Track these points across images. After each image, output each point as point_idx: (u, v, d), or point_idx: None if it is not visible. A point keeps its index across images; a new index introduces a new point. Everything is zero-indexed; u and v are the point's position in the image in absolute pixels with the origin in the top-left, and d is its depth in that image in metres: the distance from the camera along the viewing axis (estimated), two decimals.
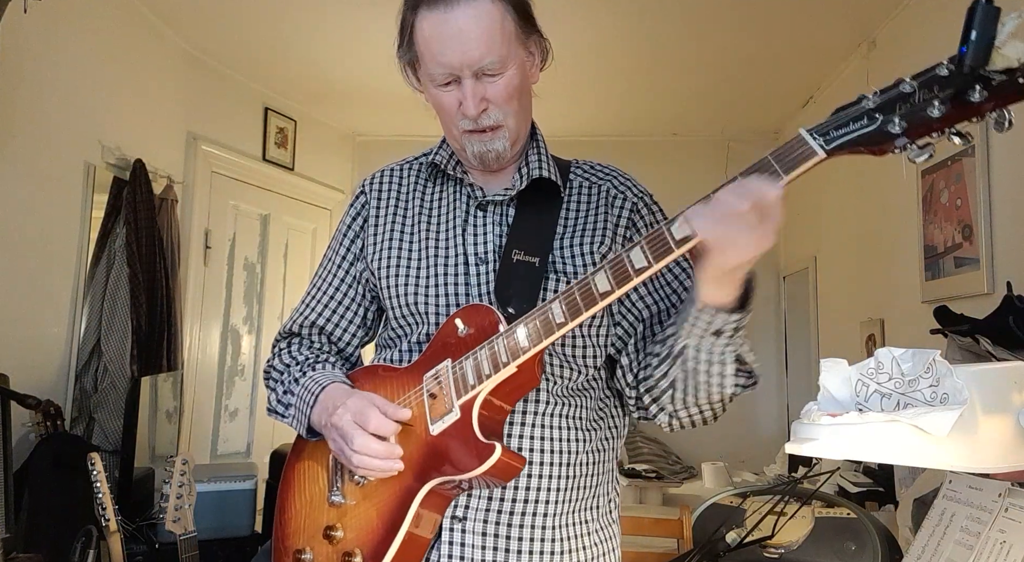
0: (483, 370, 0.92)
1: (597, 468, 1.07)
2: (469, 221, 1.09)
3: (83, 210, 2.67)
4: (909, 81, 0.71)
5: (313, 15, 3.05)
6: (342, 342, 1.18)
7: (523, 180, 1.08)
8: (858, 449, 0.80)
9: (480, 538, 0.99)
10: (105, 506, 1.83)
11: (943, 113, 0.69)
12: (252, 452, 3.77)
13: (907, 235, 2.62)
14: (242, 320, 3.82)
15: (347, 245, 1.17)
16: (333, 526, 1.01)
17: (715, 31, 3.12)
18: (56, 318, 2.58)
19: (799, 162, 0.76)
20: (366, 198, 1.18)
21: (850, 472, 2.52)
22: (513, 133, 1.05)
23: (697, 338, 0.92)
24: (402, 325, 1.10)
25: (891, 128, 0.71)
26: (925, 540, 1.00)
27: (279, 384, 1.15)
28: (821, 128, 0.76)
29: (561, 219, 1.09)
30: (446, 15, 0.97)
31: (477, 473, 0.88)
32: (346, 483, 1.02)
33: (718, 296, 0.89)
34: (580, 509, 1.05)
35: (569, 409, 1.05)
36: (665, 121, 4.31)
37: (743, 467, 3.85)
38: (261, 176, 3.92)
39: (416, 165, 1.20)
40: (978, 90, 0.67)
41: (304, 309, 1.19)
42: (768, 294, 4.46)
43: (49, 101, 2.50)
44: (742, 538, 1.65)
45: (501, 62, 0.99)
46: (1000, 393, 0.82)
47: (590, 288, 0.87)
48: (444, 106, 1.04)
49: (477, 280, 1.05)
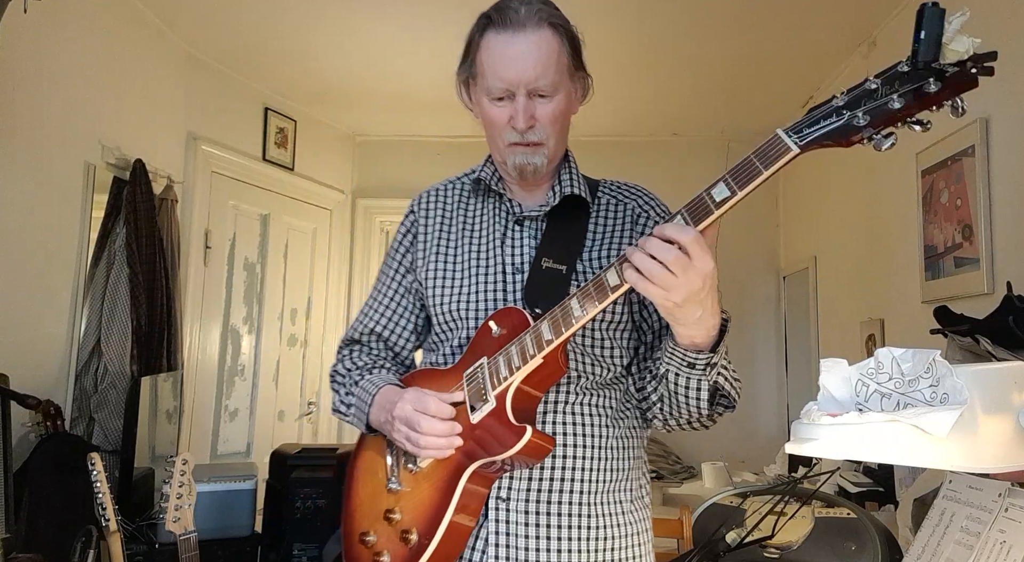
0: (514, 363, 1.04)
1: (626, 453, 1.18)
2: (508, 235, 1.22)
3: (83, 210, 2.67)
4: (873, 78, 0.80)
5: (313, 15, 3.05)
6: (397, 346, 1.32)
7: (556, 197, 1.21)
8: (858, 449, 0.80)
9: (523, 515, 1.11)
10: (105, 506, 1.83)
11: (903, 105, 0.77)
12: (252, 452, 3.77)
13: (907, 235, 2.63)
14: (242, 320, 3.82)
15: (399, 259, 1.31)
16: (392, 509, 1.13)
17: (715, 31, 3.12)
18: (56, 318, 2.58)
19: (776, 158, 0.86)
20: (415, 216, 1.32)
21: (850, 472, 2.52)
22: (551, 152, 1.17)
23: (676, 366, 1.04)
24: (444, 330, 1.23)
25: (856, 121, 0.80)
26: (925, 540, 1.00)
27: (342, 386, 1.28)
28: (795, 126, 0.85)
29: (589, 233, 1.21)
30: (513, 37, 1.11)
31: (512, 452, 1.00)
32: (401, 472, 1.15)
33: (684, 335, 0.99)
34: (613, 490, 1.16)
35: (597, 400, 1.17)
36: (665, 121, 4.31)
37: (743, 467, 3.85)
38: (261, 176, 3.92)
39: (459, 184, 1.33)
40: (933, 82, 0.76)
41: (363, 318, 1.33)
42: (768, 294, 4.46)
43: (49, 101, 2.50)
44: (742, 538, 1.65)
45: (553, 87, 1.13)
46: (1000, 393, 0.82)
47: (602, 283, 0.96)
48: (495, 119, 1.16)
49: (512, 287, 1.18)
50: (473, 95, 1.22)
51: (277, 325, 4.06)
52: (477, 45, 1.17)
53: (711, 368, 1.02)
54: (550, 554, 1.10)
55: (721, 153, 4.34)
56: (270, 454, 2.89)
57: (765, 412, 4.35)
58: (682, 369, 1.03)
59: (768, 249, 4.46)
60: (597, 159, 4.73)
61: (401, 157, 4.63)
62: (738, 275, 4.46)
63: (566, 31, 1.15)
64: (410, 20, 3.04)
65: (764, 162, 0.86)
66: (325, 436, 4.32)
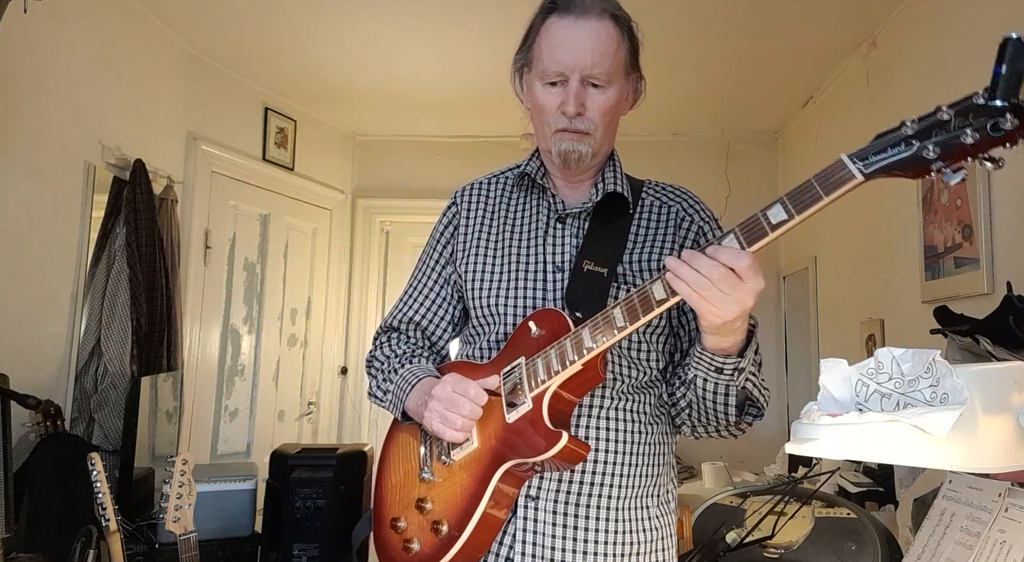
0: (552, 367, 1.04)
1: (657, 459, 1.18)
2: (549, 232, 1.21)
3: (83, 210, 2.67)
4: (946, 109, 0.75)
5: (313, 15, 3.05)
6: (435, 336, 1.32)
7: (599, 194, 1.20)
8: (858, 449, 0.80)
9: (551, 515, 1.11)
10: (105, 506, 1.83)
11: (976, 140, 0.73)
12: (252, 452, 3.77)
13: (907, 235, 2.62)
14: (242, 320, 3.82)
15: (440, 250, 1.31)
16: (424, 499, 1.14)
17: (715, 31, 3.12)
18: (56, 318, 2.58)
19: (839, 185, 0.82)
20: (457, 208, 1.31)
21: (850, 472, 2.52)
22: (597, 144, 1.17)
23: (704, 371, 1.03)
24: (482, 324, 1.23)
25: (926, 154, 0.76)
26: (925, 540, 1.00)
27: (380, 373, 1.29)
28: (861, 153, 0.81)
29: (631, 234, 1.20)
30: (575, 22, 1.11)
31: (546, 457, 1.01)
32: (434, 463, 1.16)
33: (715, 342, 0.99)
34: (642, 495, 1.16)
35: (634, 404, 1.17)
36: (665, 121, 4.31)
37: (743, 467, 3.85)
38: (261, 176, 3.92)
39: (503, 179, 1.32)
40: (1010, 119, 0.71)
41: (402, 307, 1.33)
42: (768, 294, 4.45)
43: (49, 101, 2.50)
44: (742, 538, 1.65)
45: (608, 77, 1.12)
46: (1000, 393, 0.82)
47: (648, 296, 0.95)
48: (545, 104, 1.15)
49: (552, 286, 1.17)
50: (525, 84, 1.21)
51: (277, 325, 4.06)
52: (537, 30, 1.16)
53: (739, 374, 1.02)
54: (576, 555, 1.10)
55: (721, 153, 4.34)
56: (270, 454, 2.89)
57: (765, 412, 4.34)
58: (710, 374, 1.03)
59: (768, 249, 4.43)
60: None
61: (401, 157, 4.63)
62: None
63: (628, 27, 1.15)
64: (410, 20, 3.04)
65: (825, 188, 0.83)
66: (325, 436, 4.31)
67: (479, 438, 1.10)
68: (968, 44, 2.25)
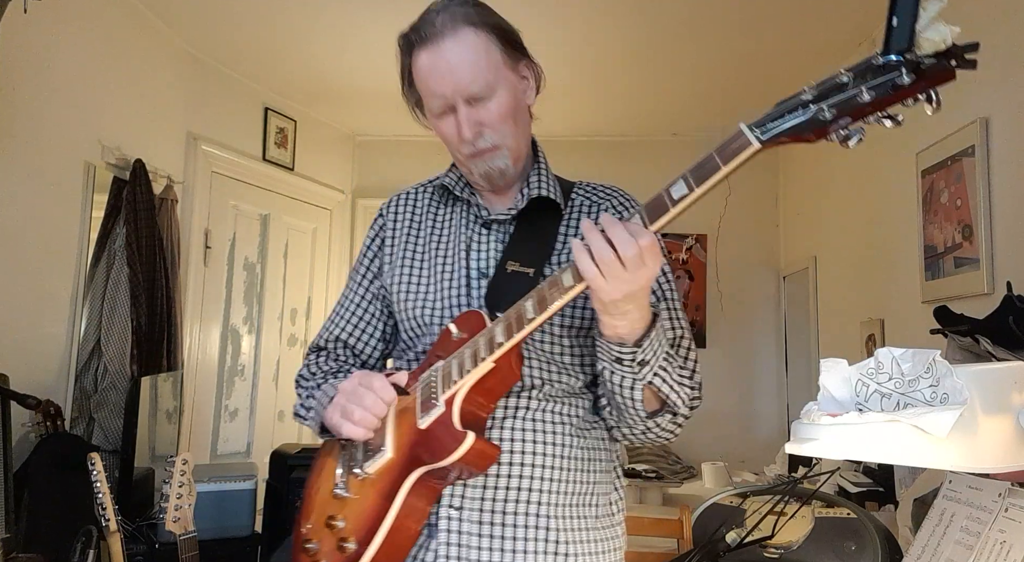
0: (465, 366, 0.99)
1: (592, 466, 1.12)
2: (474, 238, 1.18)
3: (83, 210, 2.67)
4: (845, 71, 0.74)
5: (313, 15, 3.05)
6: (364, 354, 1.27)
7: (524, 199, 1.16)
8: (858, 449, 0.80)
9: (476, 526, 1.04)
10: (105, 506, 1.83)
11: (873, 98, 0.72)
12: (252, 452, 3.78)
13: (907, 235, 2.62)
14: (242, 320, 3.82)
15: (367, 265, 1.27)
16: (334, 516, 1.07)
17: (715, 31, 3.12)
18: (56, 318, 2.58)
19: (736, 153, 0.82)
20: (383, 220, 1.27)
21: (850, 472, 2.52)
22: (513, 152, 1.13)
23: (607, 361, 1.00)
24: (411, 336, 1.19)
25: (822, 116, 0.75)
26: (925, 540, 1.00)
27: (304, 390, 1.24)
28: (760, 121, 0.81)
29: (560, 235, 1.16)
30: (435, 49, 1.07)
31: (454, 459, 0.94)
32: (349, 478, 1.09)
33: (608, 326, 0.96)
34: (576, 504, 1.09)
35: (563, 407, 1.11)
36: (665, 121, 4.31)
37: (743, 467, 3.85)
38: (261, 176, 3.92)
39: (430, 188, 1.28)
40: (906, 74, 0.70)
41: (330, 325, 1.28)
42: (768, 294, 4.46)
43: (49, 101, 2.50)
44: (742, 538, 1.65)
45: (488, 87, 1.08)
46: (1000, 393, 0.82)
47: (557, 283, 0.93)
48: (445, 135, 1.13)
49: (477, 292, 1.13)
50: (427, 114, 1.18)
51: (277, 325, 4.06)
52: (408, 69, 1.13)
53: (641, 367, 0.98)
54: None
55: None
56: (270, 454, 2.89)
57: (765, 412, 4.35)
58: (613, 365, 0.99)
59: (768, 249, 4.46)
60: (597, 159, 4.71)
61: (401, 157, 4.63)
62: (738, 275, 4.46)
63: (489, 25, 1.10)
64: (410, 20, 3.04)
65: (723, 157, 0.83)
66: None
67: (393, 447, 1.03)
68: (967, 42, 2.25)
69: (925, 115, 0.76)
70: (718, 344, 4.42)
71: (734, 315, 4.45)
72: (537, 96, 1.19)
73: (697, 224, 4.44)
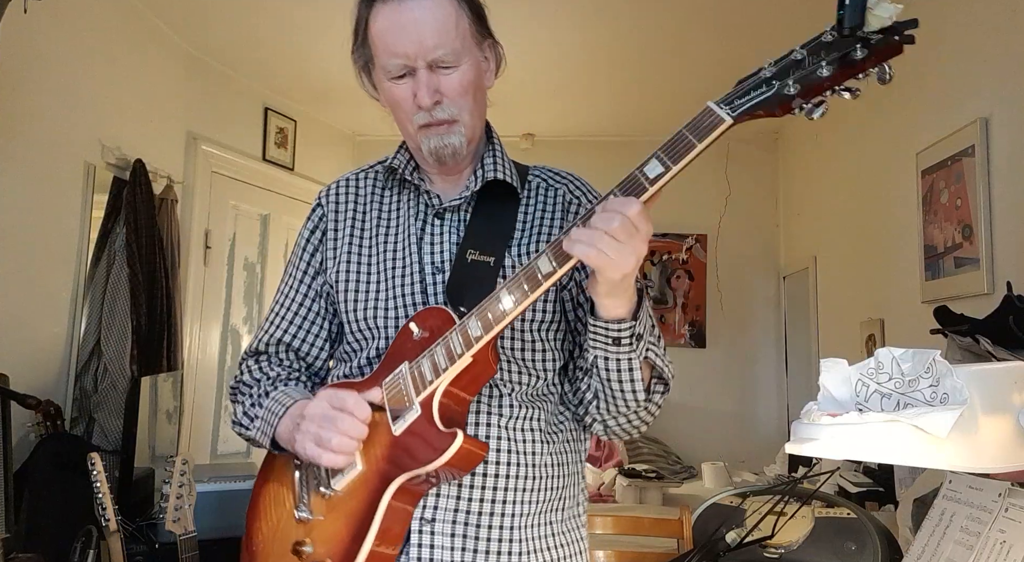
0: (440, 364, 0.93)
1: (559, 471, 1.09)
2: (427, 230, 1.09)
3: (83, 210, 2.67)
4: (799, 49, 0.80)
5: (314, 15, 3.05)
6: (310, 357, 1.17)
7: (478, 182, 1.09)
8: (858, 449, 0.80)
9: (449, 539, 1.00)
10: (105, 506, 1.83)
11: (831, 73, 0.77)
12: (252, 452, 3.77)
13: (907, 235, 2.62)
14: (242, 320, 3.82)
15: (307, 260, 1.17)
16: (302, 542, 1.00)
17: (715, 31, 3.12)
18: (56, 318, 2.58)
19: (710, 130, 0.84)
20: (323, 210, 1.18)
21: (850, 472, 2.52)
22: (469, 129, 1.05)
23: (602, 348, 0.96)
24: (357, 339, 1.10)
25: (787, 91, 0.80)
26: (925, 540, 1.00)
27: (247, 397, 1.13)
28: (727, 98, 0.85)
29: (518, 221, 1.10)
30: (401, 5, 0.98)
31: (443, 460, 0.89)
32: (312, 498, 1.02)
33: (610, 307, 0.93)
34: (546, 511, 1.06)
35: (530, 413, 1.06)
36: (664, 121, 4.28)
37: (743, 467, 3.85)
38: (261, 176, 3.92)
39: (373, 173, 1.18)
40: (859, 49, 0.75)
41: (269, 327, 1.18)
42: (768, 294, 4.46)
43: (49, 101, 2.50)
44: (742, 538, 1.65)
45: (455, 55, 1.00)
46: (1000, 393, 0.82)
47: (534, 272, 0.89)
48: (398, 100, 1.03)
49: (434, 289, 1.05)
50: (375, 81, 1.08)
51: None
52: (364, 21, 1.04)
53: (638, 341, 0.95)
54: None
55: (721, 153, 4.33)
56: None
57: (765, 412, 4.35)
58: (609, 349, 0.95)
59: (768, 249, 4.46)
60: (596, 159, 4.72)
61: None
62: (738, 275, 4.46)
63: None
64: None
65: (697, 135, 0.85)
66: None
67: (364, 460, 0.96)
68: (968, 42, 2.25)
69: (925, 115, 0.78)
70: (718, 344, 4.42)
71: (734, 315, 4.45)
72: (496, 77, 1.11)
73: (697, 224, 4.43)
